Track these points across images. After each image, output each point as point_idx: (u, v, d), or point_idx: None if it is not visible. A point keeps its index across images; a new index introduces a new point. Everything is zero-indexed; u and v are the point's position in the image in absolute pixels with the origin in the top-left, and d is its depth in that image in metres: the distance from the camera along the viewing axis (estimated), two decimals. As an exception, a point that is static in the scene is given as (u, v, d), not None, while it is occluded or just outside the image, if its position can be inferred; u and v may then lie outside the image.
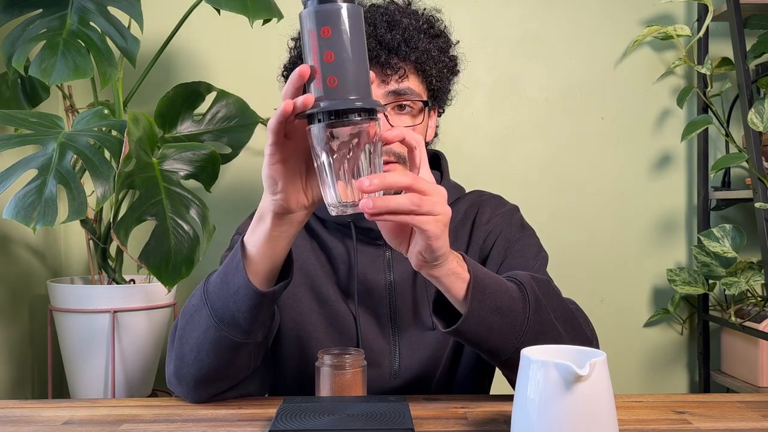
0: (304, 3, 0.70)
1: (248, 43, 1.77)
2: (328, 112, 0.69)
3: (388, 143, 0.77)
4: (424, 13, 1.08)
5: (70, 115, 1.60)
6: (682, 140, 1.75)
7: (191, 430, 0.82)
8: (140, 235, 1.35)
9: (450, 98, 1.15)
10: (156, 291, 1.48)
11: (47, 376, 1.52)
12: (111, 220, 1.30)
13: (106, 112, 1.35)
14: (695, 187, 1.86)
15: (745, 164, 1.67)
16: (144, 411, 0.90)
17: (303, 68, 0.70)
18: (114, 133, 1.35)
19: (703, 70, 1.74)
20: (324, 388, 0.88)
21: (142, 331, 1.48)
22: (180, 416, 0.87)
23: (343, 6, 0.69)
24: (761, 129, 1.56)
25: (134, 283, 1.53)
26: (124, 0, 1.40)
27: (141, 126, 1.31)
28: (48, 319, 1.52)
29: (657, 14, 1.86)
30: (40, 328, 1.66)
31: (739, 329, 1.65)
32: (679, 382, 1.89)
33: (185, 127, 1.56)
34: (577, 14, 1.86)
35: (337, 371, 0.88)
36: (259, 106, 1.63)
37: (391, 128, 0.77)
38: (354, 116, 0.69)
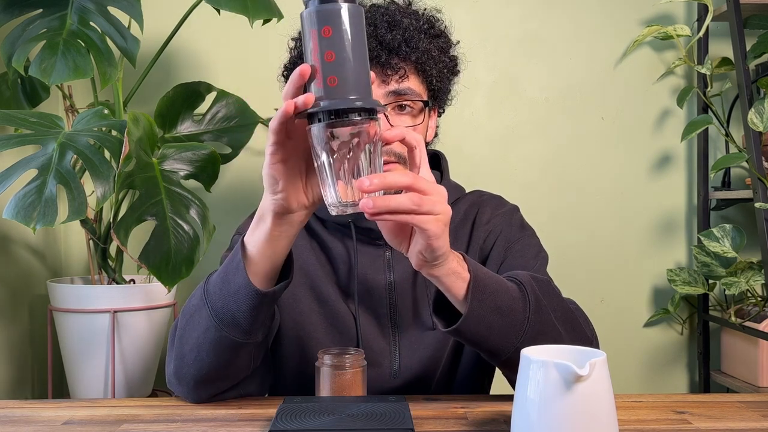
0: (305, 3, 0.70)
1: (248, 43, 1.77)
2: (329, 111, 0.69)
3: (388, 143, 0.77)
4: (424, 13, 1.08)
5: (70, 115, 1.60)
6: (682, 140, 1.75)
7: (191, 430, 0.82)
8: (140, 235, 1.35)
9: (450, 98, 1.15)
10: (156, 291, 1.48)
11: (47, 376, 1.52)
12: (111, 220, 1.30)
13: (106, 112, 1.35)
14: (695, 187, 1.86)
15: (745, 164, 1.67)
16: (144, 411, 0.90)
17: (303, 68, 0.70)
18: (114, 133, 1.35)
19: (703, 70, 1.74)
20: (324, 388, 0.88)
21: (142, 331, 1.48)
22: (180, 416, 0.87)
23: (344, 6, 0.69)
24: (761, 129, 1.56)
25: (134, 283, 1.53)
26: (124, 0, 1.40)
27: (141, 126, 1.31)
28: (48, 319, 1.52)
29: (657, 14, 1.86)
30: (40, 328, 1.66)
31: (739, 329, 1.65)
32: (679, 382, 1.89)
33: (185, 127, 1.56)
34: (577, 14, 1.86)
35: (337, 371, 0.88)
36: (259, 106, 1.63)
37: (391, 128, 0.77)
38: (354, 116, 0.69)
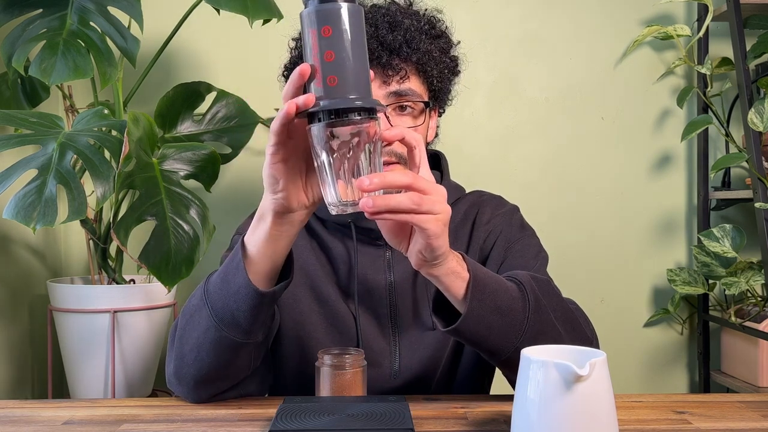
0: (305, 2, 0.70)
1: (248, 43, 1.77)
2: (328, 111, 0.69)
3: (387, 142, 0.77)
4: (425, 13, 1.08)
5: (70, 115, 1.60)
6: (682, 140, 1.75)
7: (191, 430, 0.82)
8: (140, 235, 1.35)
9: (450, 98, 1.14)
10: (156, 291, 1.48)
11: (47, 376, 1.52)
12: (111, 220, 1.30)
13: (106, 112, 1.35)
14: (695, 187, 1.86)
15: (745, 164, 1.67)
16: (144, 411, 0.90)
17: (303, 67, 0.70)
18: (114, 133, 1.35)
19: (703, 70, 1.74)
20: (324, 388, 0.88)
21: (142, 331, 1.48)
22: (180, 416, 0.87)
23: (343, 5, 0.69)
24: (761, 129, 1.56)
25: (134, 283, 1.53)
26: (124, 0, 1.40)
27: (141, 126, 1.31)
28: (48, 319, 1.52)
29: (657, 14, 1.86)
30: (40, 328, 1.66)
31: (739, 329, 1.65)
32: (679, 382, 1.89)
33: (185, 127, 1.56)
34: (577, 14, 1.86)
35: (337, 371, 0.88)
36: (259, 106, 1.63)
37: (391, 128, 0.77)
38: (354, 115, 0.69)
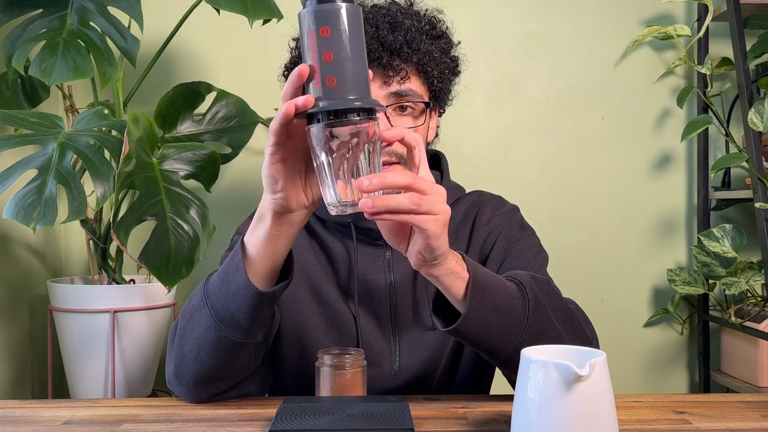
0: (303, 3, 0.70)
1: (248, 43, 1.77)
2: (327, 112, 0.69)
3: (387, 143, 0.77)
4: (426, 14, 1.08)
5: (70, 115, 1.60)
6: (682, 140, 1.75)
7: (191, 430, 0.82)
8: (140, 235, 1.35)
9: (451, 99, 1.14)
10: (156, 291, 1.48)
11: (47, 376, 1.52)
12: (111, 220, 1.30)
13: (106, 112, 1.35)
14: (695, 187, 1.86)
15: (745, 164, 1.67)
16: (144, 411, 0.90)
17: (302, 68, 0.70)
18: (114, 133, 1.35)
19: (703, 70, 1.74)
20: (324, 388, 0.88)
21: (142, 331, 1.48)
22: (180, 416, 0.88)
23: (342, 6, 0.69)
24: (761, 129, 1.56)
25: (134, 283, 1.53)
26: (124, 0, 1.40)
27: (141, 126, 1.31)
28: (48, 319, 1.52)
29: (657, 14, 1.86)
30: (40, 328, 1.66)
31: (739, 329, 1.65)
32: (679, 382, 1.89)
33: (185, 127, 1.56)
34: (577, 14, 1.86)
35: (337, 371, 0.88)
36: (259, 106, 1.63)
37: (390, 128, 0.77)
38: (353, 116, 0.69)
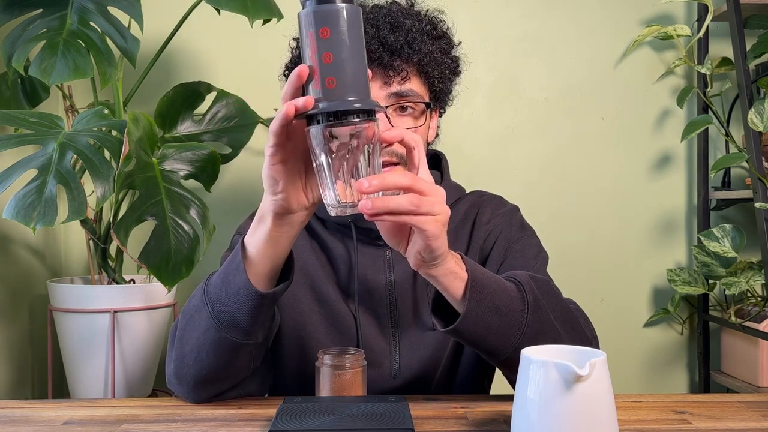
0: (303, 3, 0.70)
1: (248, 43, 1.77)
2: (327, 113, 0.69)
3: (386, 144, 0.77)
4: (426, 14, 1.08)
5: (70, 115, 1.60)
6: (682, 140, 1.75)
7: (191, 430, 0.82)
8: (140, 235, 1.36)
9: (451, 99, 1.14)
10: (156, 291, 1.48)
11: (47, 376, 1.52)
12: (111, 220, 1.30)
13: (106, 112, 1.35)
14: (695, 187, 1.86)
15: (745, 164, 1.67)
16: (144, 411, 0.90)
17: (302, 68, 0.70)
18: (114, 133, 1.35)
19: (703, 70, 1.74)
20: (324, 388, 0.88)
21: (142, 331, 1.48)
22: (180, 416, 0.88)
23: (341, 7, 0.69)
24: (761, 129, 1.56)
25: (134, 283, 1.53)
26: (124, 0, 1.40)
27: (141, 126, 1.31)
28: (48, 319, 1.52)
29: (657, 14, 1.86)
30: (40, 328, 1.66)
31: (739, 329, 1.65)
32: (679, 382, 1.89)
33: (185, 127, 1.56)
34: (577, 14, 1.86)
35: (337, 371, 0.88)
36: (259, 106, 1.63)
37: (390, 129, 0.77)
38: (353, 117, 0.69)
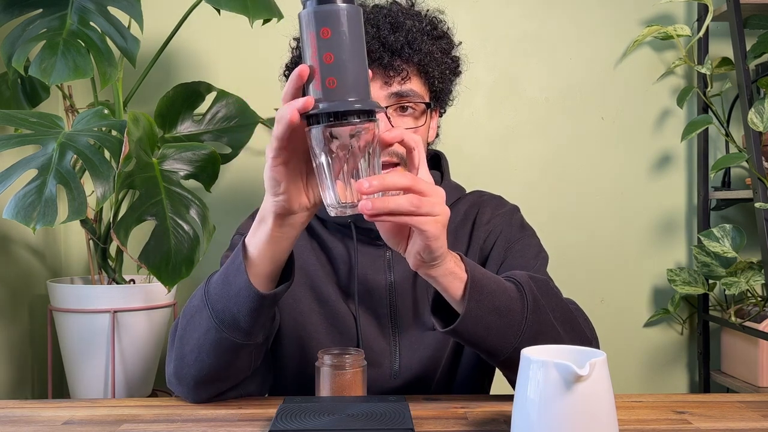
0: (304, 3, 0.70)
1: (248, 43, 1.77)
2: (327, 113, 0.69)
3: (386, 144, 0.77)
4: (427, 14, 1.08)
5: (70, 115, 1.60)
6: (682, 140, 1.75)
7: (191, 430, 0.82)
8: (140, 235, 1.36)
9: (451, 99, 1.14)
10: (156, 291, 1.48)
11: (47, 376, 1.52)
12: (111, 220, 1.30)
13: (106, 112, 1.35)
14: (695, 187, 1.86)
15: (745, 164, 1.67)
16: (144, 411, 0.90)
17: (302, 69, 0.70)
18: (114, 133, 1.35)
19: (703, 70, 1.74)
20: (324, 388, 0.88)
21: (142, 331, 1.48)
22: (180, 416, 0.88)
23: (342, 7, 0.69)
24: (761, 129, 1.56)
25: (134, 283, 1.53)
26: (124, 0, 1.40)
27: (141, 126, 1.31)
28: (48, 319, 1.52)
29: (657, 14, 1.86)
30: (40, 328, 1.66)
31: (739, 329, 1.65)
32: (679, 382, 1.89)
33: (185, 127, 1.56)
34: (577, 14, 1.86)
35: (337, 371, 0.88)
36: (259, 106, 1.63)
37: (390, 129, 0.77)
38: (353, 118, 0.69)
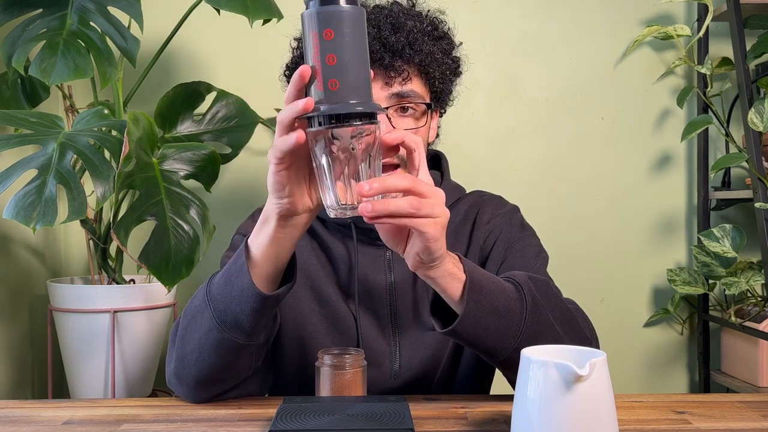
0: (307, 3, 0.70)
1: (248, 43, 1.77)
2: (329, 115, 0.69)
3: (387, 146, 0.77)
4: (428, 15, 1.08)
5: (70, 115, 1.60)
6: (682, 140, 1.75)
7: (191, 430, 0.82)
8: (140, 235, 1.36)
9: (452, 99, 1.14)
10: (156, 291, 1.48)
11: (47, 376, 1.52)
12: (111, 220, 1.30)
13: (106, 112, 1.35)
14: (695, 187, 1.86)
15: (745, 164, 1.67)
16: (144, 411, 0.90)
17: (304, 69, 0.70)
18: (114, 133, 1.35)
19: (703, 70, 1.74)
20: (324, 388, 0.88)
21: (142, 331, 1.48)
22: (180, 416, 0.88)
23: (346, 9, 0.68)
24: (761, 129, 1.56)
25: (134, 283, 1.53)
26: (124, 0, 1.40)
27: (141, 126, 1.31)
28: (48, 319, 1.52)
29: (657, 14, 1.86)
30: (40, 328, 1.66)
31: (739, 329, 1.66)
32: (679, 382, 1.89)
33: (185, 127, 1.56)
34: (577, 14, 1.86)
35: (337, 371, 0.88)
36: (259, 106, 1.63)
37: (390, 131, 0.77)
38: (355, 120, 0.69)
